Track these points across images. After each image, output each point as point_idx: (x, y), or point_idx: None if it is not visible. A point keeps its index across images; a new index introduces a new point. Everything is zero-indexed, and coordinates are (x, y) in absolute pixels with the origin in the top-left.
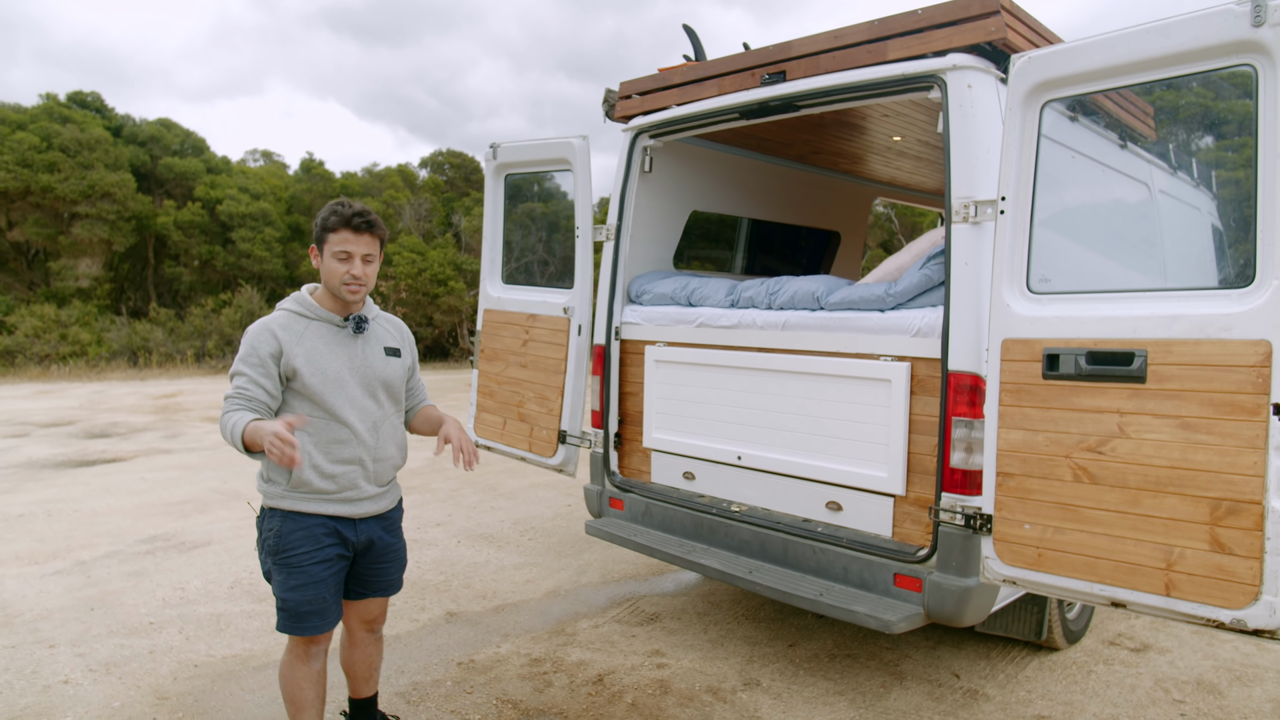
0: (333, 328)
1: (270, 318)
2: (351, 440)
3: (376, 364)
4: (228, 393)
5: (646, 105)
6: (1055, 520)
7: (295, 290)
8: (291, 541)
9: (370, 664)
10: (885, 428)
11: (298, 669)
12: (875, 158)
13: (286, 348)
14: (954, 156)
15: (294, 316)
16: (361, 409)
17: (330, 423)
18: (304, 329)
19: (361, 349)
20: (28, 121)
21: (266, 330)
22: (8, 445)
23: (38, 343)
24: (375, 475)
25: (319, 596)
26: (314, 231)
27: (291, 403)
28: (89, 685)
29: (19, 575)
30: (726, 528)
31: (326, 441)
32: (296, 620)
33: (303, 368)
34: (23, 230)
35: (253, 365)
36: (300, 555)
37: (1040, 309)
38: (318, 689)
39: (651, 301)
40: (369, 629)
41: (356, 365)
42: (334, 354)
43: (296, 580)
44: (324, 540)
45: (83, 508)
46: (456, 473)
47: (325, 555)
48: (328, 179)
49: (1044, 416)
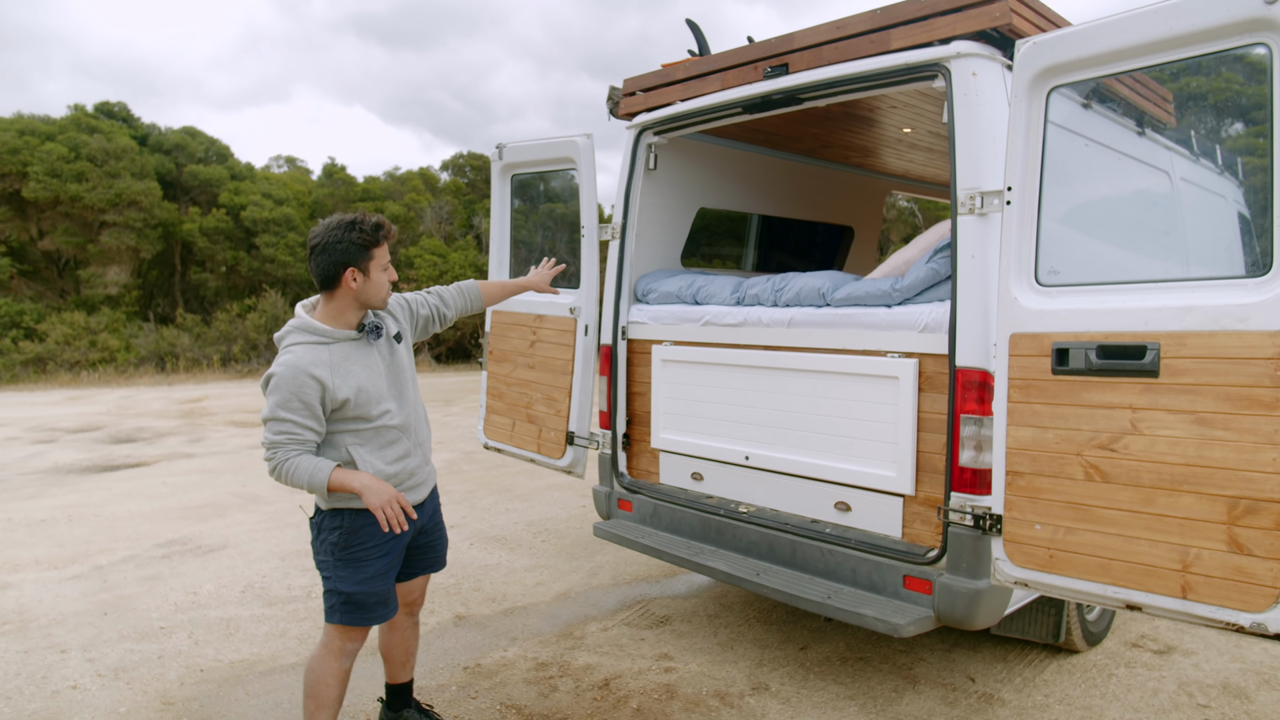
0: (353, 344)
1: (296, 358)
2: (401, 438)
3: (395, 359)
4: (271, 438)
5: (650, 102)
6: (1067, 520)
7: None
8: (361, 538)
9: (408, 648)
10: (893, 426)
11: (330, 665)
12: (887, 150)
13: (329, 383)
14: (959, 146)
15: (316, 348)
16: (400, 407)
17: (380, 430)
18: (330, 356)
19: (379, 352)
20: (56, 132)
21: (303, 374)
22: (36, 451)
23: (68, 350)
24: (424, 456)
25: (385, 589)
26: (345, 254)
27: (339, 425)
28: (97, 691)
29: (38, 580)
30: (734, 529)
31: (380, 446)
32: (364, 611)
33: (350, 396)
34: (53, 239)
35: (296, 411)
36: (368, 549)
37: (1049, 302)
38: (340, 690)
39: (657, 300)
40: (409, 611)
41: (383, 370)
42: (365, 369)
43: (363, 574)
44: (389, 536)
45: (104, 512)
46: (471, 474)
47: (390, 549)
48: (350, 183)
49: (1054, 413)
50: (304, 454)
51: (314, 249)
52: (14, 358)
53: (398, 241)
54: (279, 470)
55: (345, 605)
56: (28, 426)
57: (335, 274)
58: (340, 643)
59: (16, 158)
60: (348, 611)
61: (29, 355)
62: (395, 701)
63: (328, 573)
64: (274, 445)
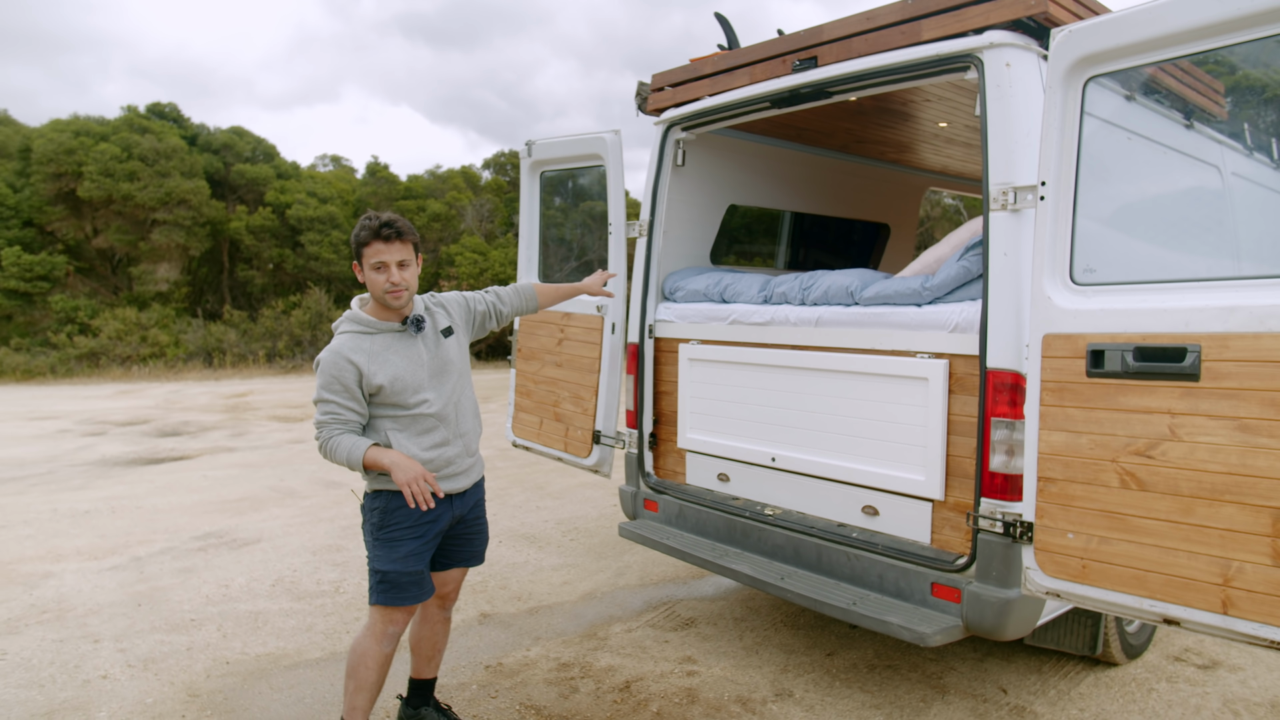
0: (396, 335)
1: (340, 344)
2: (438, 426)
3: (439, 351)
4: (318, 418)
5: (679, 97)
6: (1101, 529)
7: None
8: (396, 519)
9: (435, 644)
10: (923, 429)
11: (371, 648)
12: (924, 146)
13: (365, 369)
14: (991, 140)
15: (359, 336)
16: (436, 397)
17: (418, 418)
18: (371, 345)
19: (424, 344)
20: (110, 133)
21: (342, 359)
22: (86, 444)
23: (120, 345)
24: (466, 447)
25: (418, 569)
26: (352, 250)
27: (378, 410)
28: (126, 681)
29: (78, 570)
30: (760, 531)
31: (417, 433)
32: (399, 591)
33: (385, 383)
34: (106, 237)
35: (337, 393)
36: (402, 530)
37: (1084, 302)
38: (380, 673)
39: (685, 299)
40: (441, 604)
41: (425, 360)
42: (405, 359)
43: (398, 553)
44: (425, 518)
45: (145, 505)
46: (506, 471)
47: (424, 532)
48: (392, 181)
49: (1088, 417)
50: (346, 433)
51: None
52: (69, 352)
53: (438, 239)
54: (324, 447)
55: (381, 584)
56: (79, 419)
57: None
58: (381, 625)
59: (72, 158)
60: (384, 591)
61: (83, 350)
62: (415, 698)
63: (369, 553)
64: (320, 424)
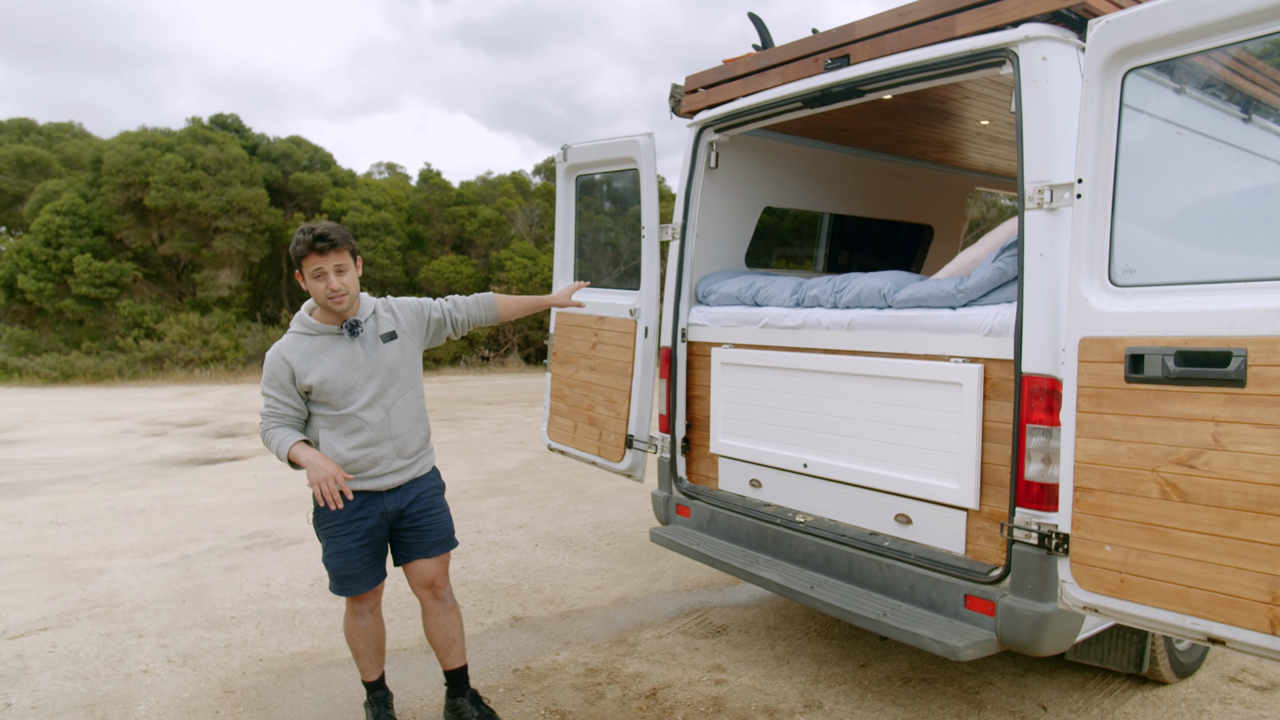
0: (333, 338)
1: (281, 344)
2: (364, 427)
3: (378, 355)
4: (261, 409)
5: (712, 98)
6: (1140, 542)
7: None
8: (327, 516)
9: (446, 634)
10: (957, 435)
11: (349, 622)
12: (967, 144)
13: (298, 368)
14: (1027, 136)
15: (300, 337)
16: (368, 400)
17: (345, 418)
18: (309, 346)
19: (362, 347)
20: (175, 144)
21: (279, 357)
22: (146, 444)
23: (183, 348)
24: (398, 449)
25: (350, 563)
26: (292, 260)
27: (312, 408)
28: (165, 676)
29: (130, 566)
30: (791, 539)
31: (344, 432)
32: (338, 583)
33: (315, 383)
34: (171, 244)
35: (275, 388)
36: (333, 528)
37: (1123, 304)
38: (367, 641)
39: (717, 302)
40: (433, 594)
41: (361, 363)
42: (339, 361)
43: (332, 549)
44: (354, 515)
45: (197, 504)
46: (546, 475)
47: (354, 529)
48: (445, 188)
49: (1127, 425)
50: (281, 426)
51: None
52: (135, 355)
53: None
54: (262, 437)
55: (330, 574)
56: (142, 420)
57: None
58: (350, 605)
59: (139, 168)
60: (331, 581)
61: (148, 353)
62: (452, 688)
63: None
64: (262, 415)
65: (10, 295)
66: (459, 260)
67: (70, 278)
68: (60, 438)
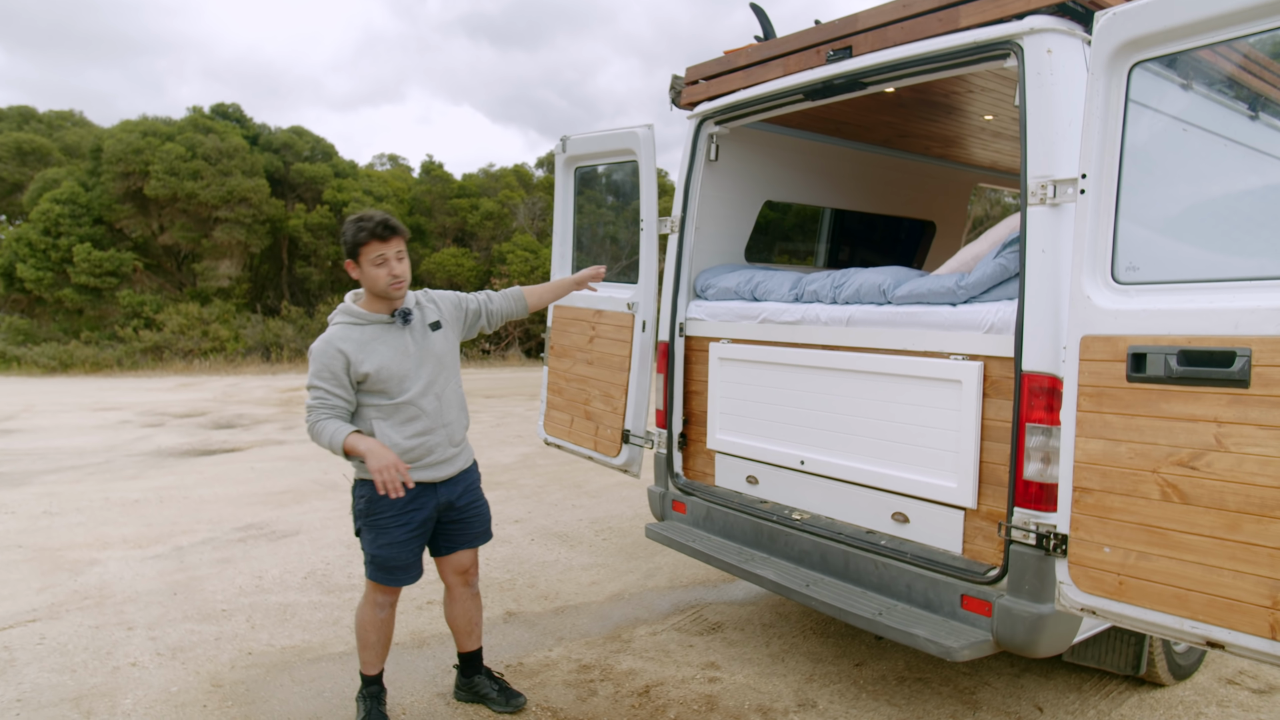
0: (384, 326)
1: (331, 334)
2: (420, 415)
3: (426, 343)
4: (309, 402)
5: (712, 90)
6: (1140, 544)
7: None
8: (380, 506)
9: (470, 618)
10: (955, 433)
11: (368, 613)
12: (971, 140)
13: (353, 357)
14: (1031, 130)
15: (349, 327)
16: (423, 388)
17: (400, 406)
18: (361, 335)
19: (411, 336)
20: (175, 133)
21: (332, 347)
22: (144, 434)
23: (182, 339)
24: (448, 438)
25: (403, 554)
26: (345, 248)
27: (364, 399)
28: (154, 669)
29: (123, 558)
30: (787, 536)
31: (399, 421)
32: (387, 573)
33: (371, 371)
34: (171, 234)
35: (326, 380)
36: (387, 519)
37: (1126, 301)
38: (379, 634)
39: (716, 296)
40: (464, 582)
41: (412, 351)
42: (392, 349)
43: (384, 540)
44: (408, 507)
45: (192, 495)
46: (544, 469)
47: (408, 520)
48: (446, 180)
49: (1128, 425)
50: (332, 418)
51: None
52: (134, 345)
53: (491, 237)
54: (311, 430)
55: (371, 564)
56: (140, 411)
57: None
58: (373, 596)
59: (140, 157)
60: (374, 572)
61: (148, 344)
62: (467, 668)
63: (360, 534)
64: (310, 409)
65: (9, 284)
66: (460, 253)
67: (69, 267)
68: (57, 427)
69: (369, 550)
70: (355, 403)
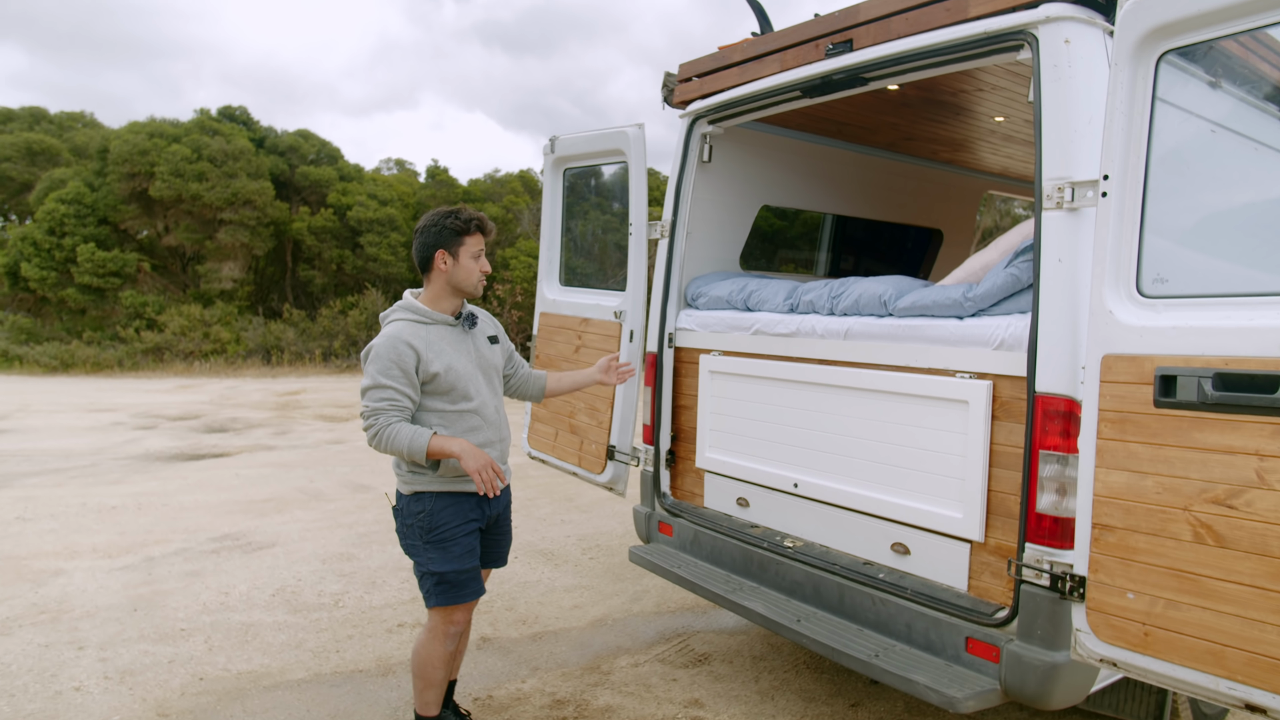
0: (449, 328)
1: (397, 330)
2: (483, 426)
3: (486, 353)
4: (372, 405)
5: (706, 88)
6: (1168, 591)
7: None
8: (444, 519)
9: (459, 646)
10: (961, 459)
11: (436, 649)
12: (981, 144)
13: (423, 354)
14: (1046, 128)
15: (415, 324)
16: (484, 397)
17: (464, 414)
18: (427, 334)
19: (474, 342)
20: (182, 135)
21: (401, 342)
22: (134, 437)
23: (183, 340)
24: (503, 453)
25: (473, 565)
26: (437, 238)
27: (427, 402)
28: (99, 694)
29: (89, 569)
30: (778, 565)
31: (463, 430)
32: (459, 590)
33: (440, 371)
34: (176, 235)
35: (395, 378)
36: (454, 529)
37: (1153, 317)
38: (446, 670)
39: (707, 305)
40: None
41: (475, 358)
42: (458, 352)
43: (455, 551)
44: (470, 515)
45: (172, 502)
46: (534, 481)
47: (470, 529)
48: (451, 185)
49: (1155, 455)
50: (404, 421)
51: (416, 232)
52: (135, 346)
53: (495, 242)
54: (380, 436)
55: (440, 586)
56: (135, 413)
57: (429, 255)
58: (444, 626)
59: (146, 159)
60: (444, 592)
61: (149, 345)
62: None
63: (419, 557)
64: (374, 412)
65: (14, 283)
66: None
67: (73, 267)
68: (50, 428)
69: (436, 569)
70: (418, 404)
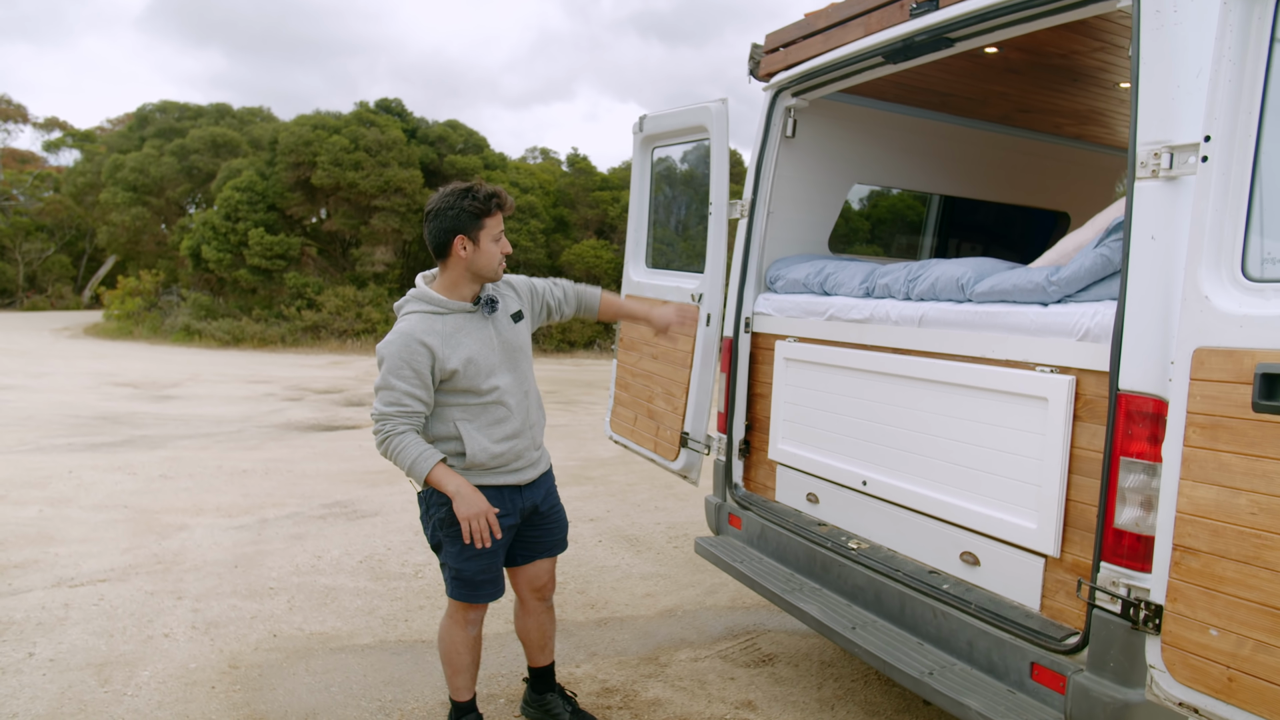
0: (467, 315)
1: (410, 326)
2: (509, 417)
3: (510, 335)
4: (381, 409)
5: (791, 58)
6: (1259, 631)
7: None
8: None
9: (544, 632)
10: (1038, 463)
11: (456, 634)
12: (1112, 116)
13: (439, 352)
14: (1144, 84)
15: (429, 317)
16: (509, 384)
17: (489, 406)
18: (443, 326)
19: (495, 326)
20: (341, 126)
21: (414, 341)
22: (280, 408)
23: (338, 319)
24: (533, 440)
25: (492, 565)
26: (455, 221)
27: (448, 397)
28: (183, 642)
29: (209, 525)
30: (840, 567)
31: (488, 424)
32: (472, 589)
33: (460, 366)
34: (334, 221)
35: (407, 379)
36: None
37: (1259, 305)
38: (473, 654)
39: (784, 289)
40: (539, 596)
41: (497, 344)
42: (477, 341)
43: (468, 552)
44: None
45: (296, 469)
46: (641, 467)
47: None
48: (590, 172)
49: (1251, 469)
50: (413, 433)
51: (428, 215)
52: (296, 324)
53: None
54: (386, 444)
55: (455, 581)
56: (286, 385)
57: (446, 241)
58: (462, 614)
59: (309, 149)
60: (458, 587)
61: (308, 323)
62: (538, 684)
63: (438, 548)
64: (383, 416)
65: (197, 264)
66: (600, 245)
67: (245, 249)
68: (210, 396)
69: (452, 564)
70: (432, 406)
